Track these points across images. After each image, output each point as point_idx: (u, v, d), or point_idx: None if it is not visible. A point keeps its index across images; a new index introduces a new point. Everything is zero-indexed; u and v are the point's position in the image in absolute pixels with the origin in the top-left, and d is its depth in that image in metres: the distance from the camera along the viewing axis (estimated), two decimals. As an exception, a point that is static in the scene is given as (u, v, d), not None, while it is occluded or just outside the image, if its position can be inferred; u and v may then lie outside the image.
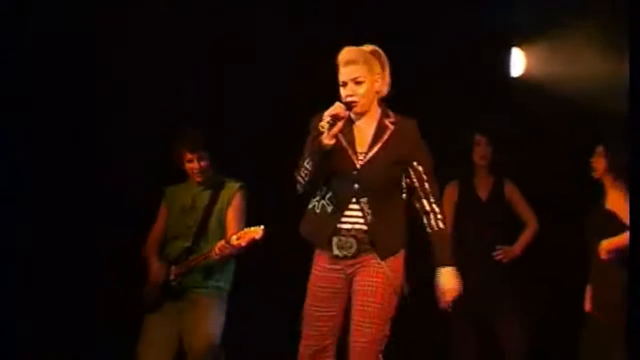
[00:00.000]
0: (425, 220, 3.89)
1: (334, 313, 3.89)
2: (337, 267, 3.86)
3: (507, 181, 5.51)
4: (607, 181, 4.81)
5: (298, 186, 3.87)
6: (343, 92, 3.87)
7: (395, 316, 3.83)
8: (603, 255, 4.65)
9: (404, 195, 3.91)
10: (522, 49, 5.91)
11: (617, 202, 4.72)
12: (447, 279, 3.86)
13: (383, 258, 3.82)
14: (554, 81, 5.70)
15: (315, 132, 3.78)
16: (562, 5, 5.53)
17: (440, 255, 3.88)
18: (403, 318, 3.87)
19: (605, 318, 4.73)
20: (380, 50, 3.92)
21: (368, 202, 3.82)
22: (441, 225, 3.89)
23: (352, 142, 3.89)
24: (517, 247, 5.40)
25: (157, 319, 4.72)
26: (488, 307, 5.32)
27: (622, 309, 4.29)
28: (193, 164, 4.79)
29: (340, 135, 3.81)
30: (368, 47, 3.89)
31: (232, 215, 4.80)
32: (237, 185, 4.84)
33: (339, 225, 3.83)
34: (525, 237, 5.41)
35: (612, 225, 4.67)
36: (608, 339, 4.66)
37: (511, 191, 5.48)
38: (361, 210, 3.82)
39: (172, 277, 4.70)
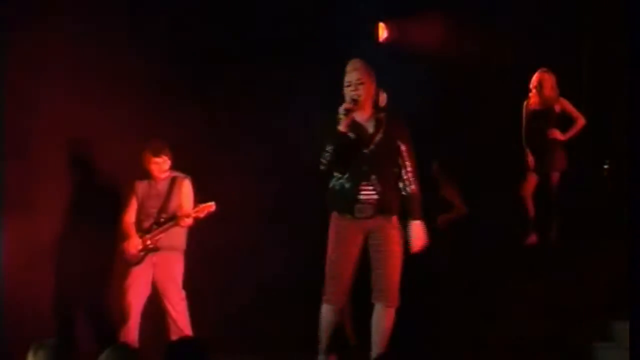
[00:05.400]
0: (400, 185, 4.94)
1: (350, 258, 4.90)
2: (357, 224, 4.89)
3: None
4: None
5: (321, 166, 4.84)
6: (348, 91, 4.84)
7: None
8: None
9: (395, 169, 4.93)
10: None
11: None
12: (417, 231, 4.92)
13: (389, 217, 4.90)
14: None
15: (328, 128, 4.78)
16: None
17: (411, 212, 4.93)
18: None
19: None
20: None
21: (377, 178, 4.83)
22: (409, 190, 4.92)
23: (358, 135, 4.84)
24: None
25: (138, 268, 6.17)
26: None
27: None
28: (156, 165, 6.26)
29: (349, 130, 4.79)
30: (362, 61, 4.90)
31: (186, 198, 6.24)
32: (185, 178, 6.28)
33: (358, 197, 4.84)
34: None
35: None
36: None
37: None
38: (372, 185, 4.84)
39: (149, 242, 6.15)
